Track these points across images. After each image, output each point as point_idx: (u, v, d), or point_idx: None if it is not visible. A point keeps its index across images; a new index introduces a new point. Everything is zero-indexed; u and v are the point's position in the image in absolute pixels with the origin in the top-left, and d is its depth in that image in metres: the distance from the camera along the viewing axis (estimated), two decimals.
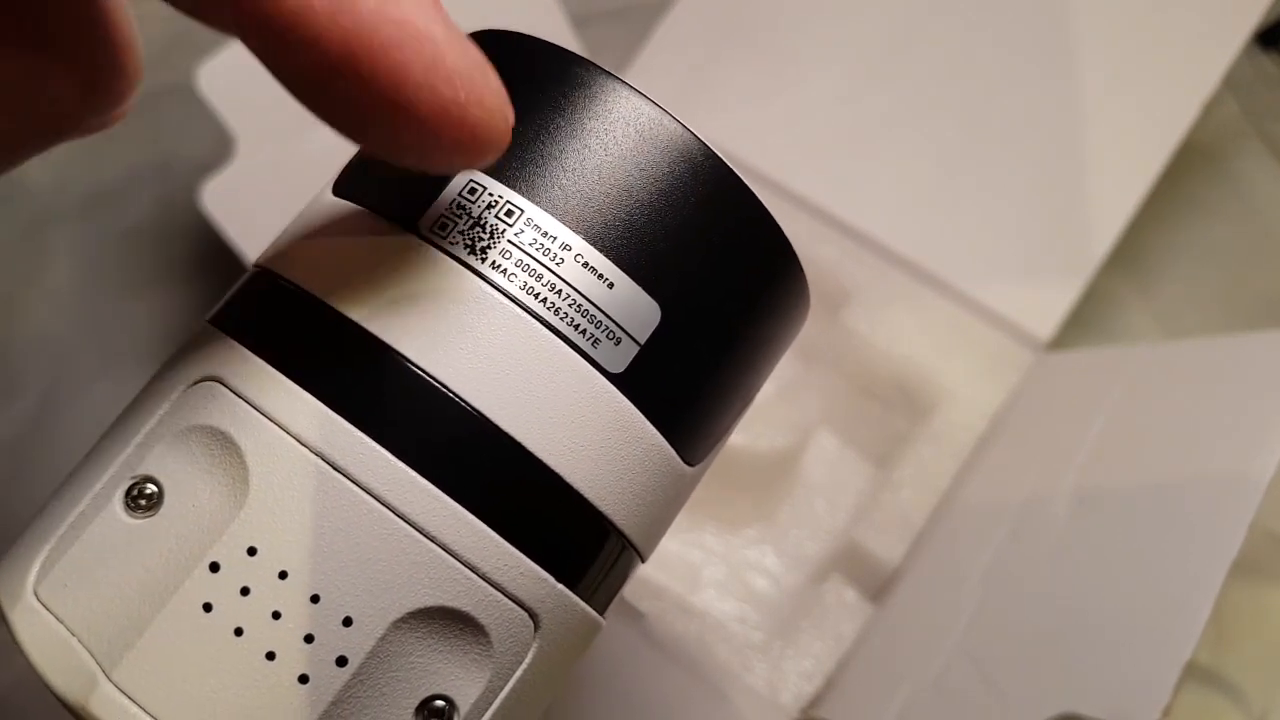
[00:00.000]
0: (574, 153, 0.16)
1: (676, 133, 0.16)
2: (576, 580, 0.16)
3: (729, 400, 0.17)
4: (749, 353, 0.17)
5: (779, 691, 0.29)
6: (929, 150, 0.36)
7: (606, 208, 0.15)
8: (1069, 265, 0.33)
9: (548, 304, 0.15)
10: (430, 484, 0.14)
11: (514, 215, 0.15)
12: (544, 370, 0.15)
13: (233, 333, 0.16)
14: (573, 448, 0.15)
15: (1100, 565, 0.26)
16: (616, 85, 0.16)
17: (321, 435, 0.14)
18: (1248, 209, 0.37)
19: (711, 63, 0.38)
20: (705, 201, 0.16)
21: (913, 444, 0.33)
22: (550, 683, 0.16)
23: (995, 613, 0.27)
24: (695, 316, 0.16)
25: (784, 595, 0.31)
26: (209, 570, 0.14)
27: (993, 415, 0.33)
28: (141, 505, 0.15)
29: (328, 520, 0.14)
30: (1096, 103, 0.34)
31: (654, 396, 0.16)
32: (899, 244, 0.35)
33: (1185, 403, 0.28)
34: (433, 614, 0.14)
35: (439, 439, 0.14)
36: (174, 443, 0.15)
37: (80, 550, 0.15)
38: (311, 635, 0.14)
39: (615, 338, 0.15)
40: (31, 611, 0.15)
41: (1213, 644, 0.27)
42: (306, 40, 0.12)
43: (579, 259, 0.15)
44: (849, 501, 0.33)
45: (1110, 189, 0.34)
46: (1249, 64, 0.37)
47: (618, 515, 0.16)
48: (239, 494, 0.14)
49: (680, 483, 0.17)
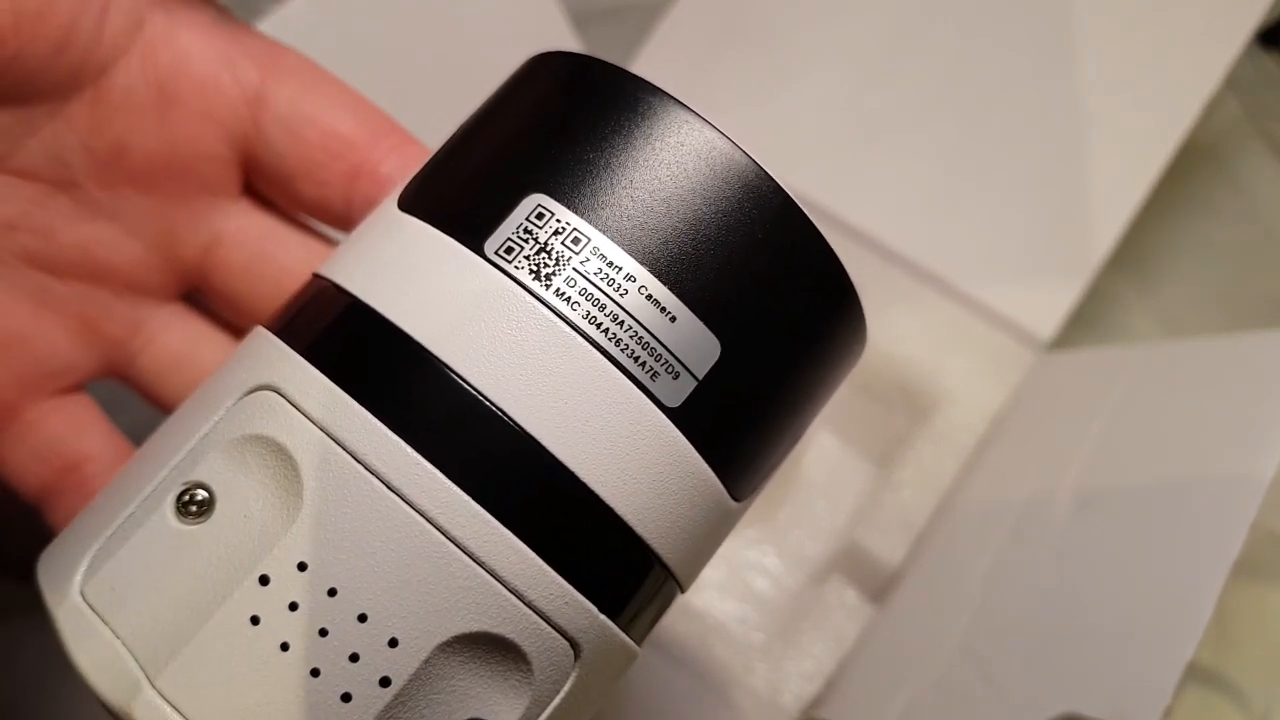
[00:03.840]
0: (643, 183, 0.15)
1: (747, 168, 0.16)
2: (618, 611, 0.15)
3: (780, 438, 0.17)
4: (804, 392, 0.17)
5: (780, 692, 0.29)
6: (930, 150, 0.36)
7: (673, 240, 0.15)
8: (1070, 265, 0.33)
9: (609, 334, 0.15)
10: (483, 509, 0.14)
11: (580, 243, 0.15)
12: (601, 401, 0.15)
13: (291, 342, 0.15)
14: (625, 480, 0.15)
15: (1101, 565, 0.26)
16: (689, 117, 0.16)
17: (378, 455, 0.14)
18: (1249, 209, 0.36)
19: (711, 63, 0.38)
20: (771, 239, 0.16)
21: (913, 444, 0.33)
22: (585, 710, 0.16)
23: (996, 613, 0.27)
24: (754, 354, 0.16)
25: (785, 596, 0.31)
26: (258, 583, 0.14)
27: (994, 415, 0.33)
28: (192, 511, 0.15)
29: (380, 540, 0.14)
30: (1097, 103, 0.34)
31: (708, 432, 0.15)
32: (900, 244, 0.35)
33: (1186, 402, 0.28)
34: (477, 639, 0.14)
35: (493, 464, 0.14)
36: (228, 451, 0.15)
37: (129, 553, 0.15)
38: (357, 654, 0.14)
39: (674, 371, 0.15)
40: (77, 612, 0.14)
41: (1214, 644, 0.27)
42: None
43: (643, 290, 0.15)
44: (850, 502, 0.33)
45: (1111, 189, 0.34)
46: (1250, 64, 0.37)
47: (664, 548, 0.16)
48: (292, 507, 0.14)
49: (727, 518, 0.17)
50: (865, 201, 0.35)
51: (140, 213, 0.19)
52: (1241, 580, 0.23)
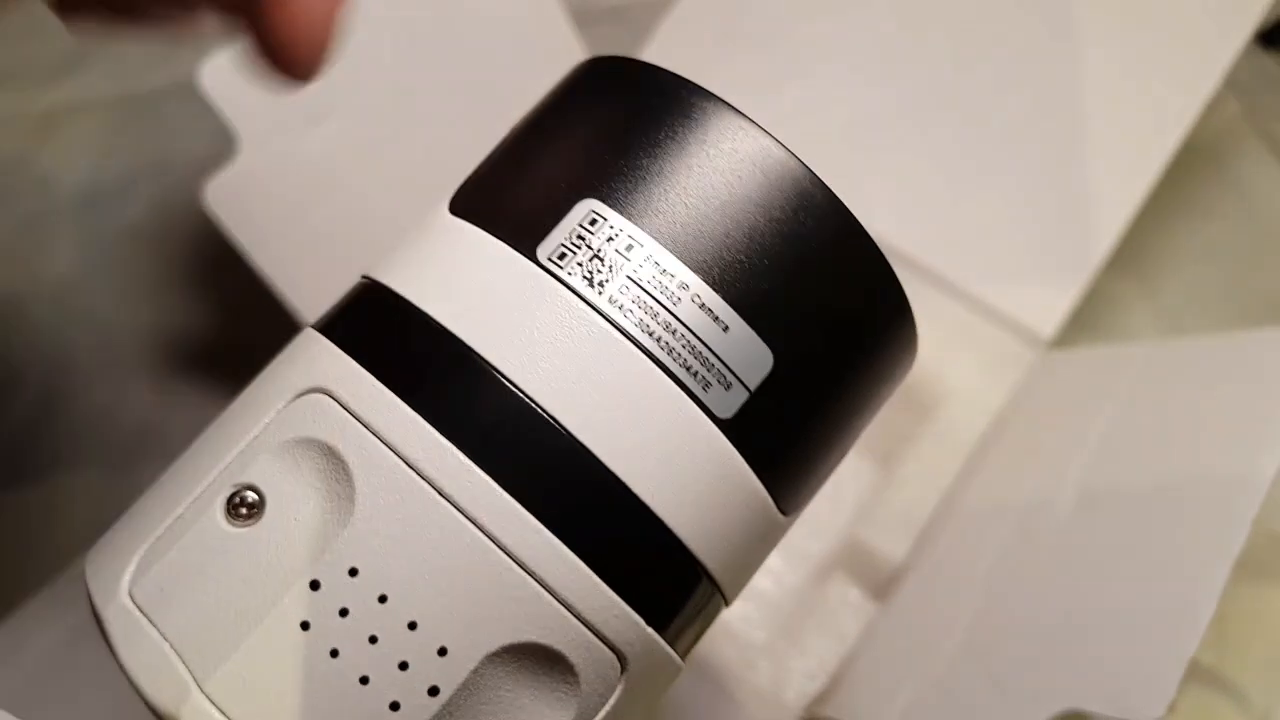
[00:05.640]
0: (697, 190, 0.15)
1: (803, 176, 0.16)
2: (666, 624, 0.15)
3: (830, 453, 0.17)
4: (854, 406, 0.17)
5: (783, 690, 0.29)
6: (931, 150, 0.36)
7: (727, 248, 0.15)
8: (1071, 264, 0.34)
9: (662, 343, 0.15)
10: (535, 519, 0.14)
11: (634, 250, 0.15)
12: (654, 411, 0.15)
13: (343, 345, 0.15)
14: (676, 492, 0.15)
15: (1103, 564, 0.26)
16: (745, 123, 0.16)
17: (431, 461, 0.14)
18: (1248, 209, 0.37)
19: (712, 63, 0.37)
20: (826, 249, 0.16)
21: (916, 442, 0.33)
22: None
23: (999, 611, 0.27)
24: (806, 366, 0.16)
25: (787, 594, 0.31)
26: (309, 588, 0.14)
27: (995, 414, 0.33)
28: (243, 514, 0.15)
29: (431, 547, 0.14)
30: (1098, 102, 0.34)
31: (759, 445, 0.15)
32: (901, 243, 0.35)
33: (1187, 402, 0.28)
34: (525, 650, 0.14)
35: (545, 474, 0.14)
36: (279, 453, 0.15)
37: (178, 555, 0.15)
38: (406, 663, 0.14)
39: (726, 382, 0.15)
40: (126, 613, 0.14)
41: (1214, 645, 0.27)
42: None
43: (696, 299, 0.15)
44: (852, 500, 0.33)
45: (1112, 188, 0.34)
46: (1250, 64, 0.37)
47: (712, 562, 0.15)
48: (343, 512, 0.14)
49: (774, 531, 0.17)
50: (865, 201, 0.35)
51: None
52: (1241, 580, 0.23)
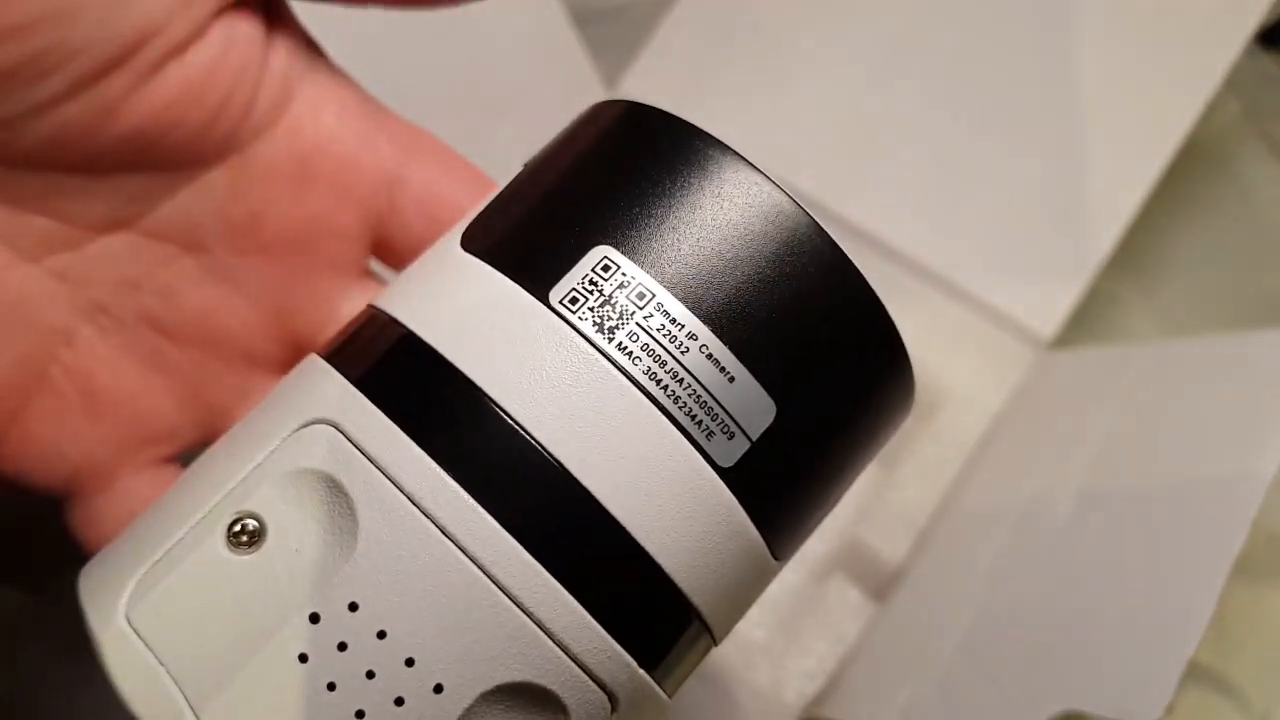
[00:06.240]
0: (709, 241, 0.15)
1: (813, 234, 0.16)
2: (656, 664, 0.16)
3: (825, 501, 0.17)
4: (852, 457, 0.17)
5: (782, 690, 0.29)
6: (930, 149, 0.36)
7: (736, 300, 0.15)
8: (1071, 264, 0.34)
9: (668, 391, 0.15)
10: (534, 559, 0.14)
11: (645, 299, 0.15)
12: (657, 458, 0.15)
13: (350, 376, 0.15)
14: (675, 538, 0.15)
15: (1102, 564, 0.26)
16: (758, 178, 0.16)
17: (436, 500, 0.14)
18: (1249, 209, 0.37)
19: (712, 63, 0.38)
20: (833, 306, 0.16)
21: (915, 443, 0.33)
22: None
23: (998, 611, 0.27)
24: (808, 418, 0.16)
25: (786, 593, 0.31)
26: (309, 620, 0.14)
27: (995, 414, 0.33)
28: (244, 542, 0.15)
29: (431, 585, 0.14)
30: (1098, 103, 0.34)
31: (758, 493, 0.16)
32: (900, 243, 0.35)
33: (1187, 402, 0.28)
34: (519, 689, 0.14)
35: (546, 515, 0.14)
36: (282, 483, 0.15)
37: (178, 580, 0.15)
38: (402, 699, 0.14)
39: (729, 431, 0.15)
40: (123, 636, 0.14)
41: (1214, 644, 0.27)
42: None
43: (704, 349, 0.15)
44: (851, 500, 0.33)
45: (1112, 189, 0.34)
46: (1250, 64, 0.37)
47: (705, 606, 0.16)
48: (346, 546, 0.14)
49: (766, 576, 0.17)
50: (866, 201, 0.35)
51: (265, 283, 0.19)
52: (1241, 580, 0.23)
